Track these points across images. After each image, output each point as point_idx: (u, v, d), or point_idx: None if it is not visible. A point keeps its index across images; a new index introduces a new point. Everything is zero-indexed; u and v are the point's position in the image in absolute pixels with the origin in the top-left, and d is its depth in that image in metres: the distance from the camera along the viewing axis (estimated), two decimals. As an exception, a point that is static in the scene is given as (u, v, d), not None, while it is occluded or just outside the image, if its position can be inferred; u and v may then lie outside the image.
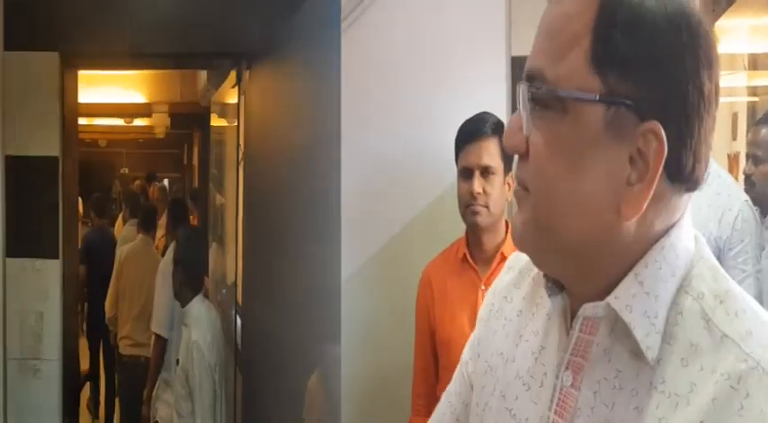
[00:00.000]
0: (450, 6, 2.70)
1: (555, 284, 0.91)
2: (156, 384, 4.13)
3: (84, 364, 5.46)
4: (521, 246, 0.89)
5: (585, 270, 0.86)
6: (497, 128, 2.16)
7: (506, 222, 2.27)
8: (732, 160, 4.78)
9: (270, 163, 3.38)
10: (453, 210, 2.32)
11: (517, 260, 1.06)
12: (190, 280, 3.60)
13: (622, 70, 0.81)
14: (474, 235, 2.27)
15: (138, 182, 8.98)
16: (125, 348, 5.11)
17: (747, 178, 3.02)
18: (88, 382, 5.87)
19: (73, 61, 3.97)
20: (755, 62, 5.09)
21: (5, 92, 3.59)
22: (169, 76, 7.59)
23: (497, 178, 2.18)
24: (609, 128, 0.81)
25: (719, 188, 2.58)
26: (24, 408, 3.65)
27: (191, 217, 7.49)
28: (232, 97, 4.38)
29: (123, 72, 7.00)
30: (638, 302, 0.82)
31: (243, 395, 3.59)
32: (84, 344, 5.98)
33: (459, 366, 1.11)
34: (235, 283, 4.11)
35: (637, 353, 0.81)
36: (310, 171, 2.83)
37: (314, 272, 2.77)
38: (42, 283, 3.69)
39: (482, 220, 2.22)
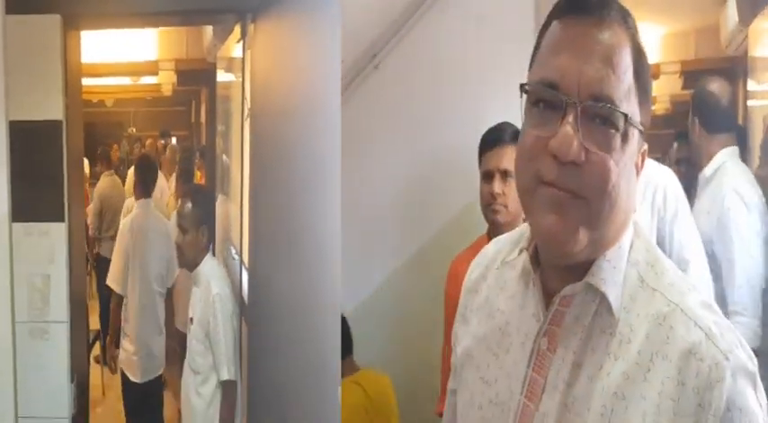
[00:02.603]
0: (478, 18, 2.87)
1: (534, 267, 1.15)
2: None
3: (94, 324, 5.49)
4: (560, 243, 1.06)
5: (593, 257, 1.09)
6: (515, 136, 2.37)
7: (523, 219, 2.47)
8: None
9: (276, 118, 3.37)
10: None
11: (482, 258, 1.33)
12: (201, 240, 3.68)
13: (644, 103, 1.08)
14: (495, 232, 2.52)
15: (150, 141, 8.92)
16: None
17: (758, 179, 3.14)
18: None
19: (75, 23, 3.93)
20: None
21: (7, 57, 3.57)
22: (175, 33, 7.53)
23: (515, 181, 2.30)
24: (637, 147, 1.08)
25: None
26: (34, 370, 3.69)
27: (199, 175, 7.52)
28: (238, 52, 4.35)
29: (128, 30, 6.94)
30: (608, 275, 1.08)
31: (249, 347, 3.63)
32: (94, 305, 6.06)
33: (452, 363, 1.37)
34: (240, 238, 4.14)
35: (599, 312, 1.08)
36: (312, 126, 2.83)
37: (318, 225, 2.79)
38: (49, 246, 3.71)
39: (502, 217, 2.53)
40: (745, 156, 3.98)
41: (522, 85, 1.09)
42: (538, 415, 1.10)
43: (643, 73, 1.07)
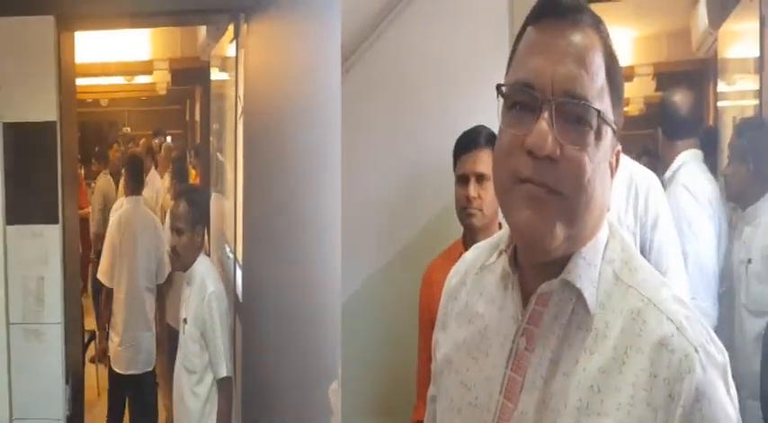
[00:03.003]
0: (457, 25, 2.84)
1: (512, 268, 1.17)
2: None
3: (90, 325, 5.49)
4: (538, 238, 1.07)
5: (569, 253, 1.11)
6: (491, 139, 2.34)
7: (499, 224, 2.53)
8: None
9: (269, 116, 3.38)
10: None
11: (461, 264, 1.35)
12: (194, 239, 3.69)
13: (616, 103, 1.11)
14: (470, 235, 2.51)
15: (143, 141, 8.92)
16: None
17: (724, 177, 3.33)
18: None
19: (69, 24, 3.92)
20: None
21: (1, 59, 3.56)
22: (169, 33, 7.52)
23: (490, 184, 2.33)
24: (610, 145, 1.12)
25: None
26: (28, 371, 3.70)
27: (193, 173, 7.51)
28: (231, 51, 4.35)
29: (122, 30, 6.93)
30: (584, 272, 1.10)
31: (243, 344, 3.63)
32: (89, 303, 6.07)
33: (432, 370, 1.37)
34: (234, 237, 4.14)
35: (576, 310, 1.11)
36: (308, 124, 2.84)
37: (314, 224, 2.79)
38: (43, 247, 3.71)
39: (477, 221, 2.49)
40: (716, 156, 4.17)
41: (498, 86, 1.11)
42: (517, 413, 1.12)
43: (615, 75, 1.11)
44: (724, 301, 3.13)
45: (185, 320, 3.60)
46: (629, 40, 7.32)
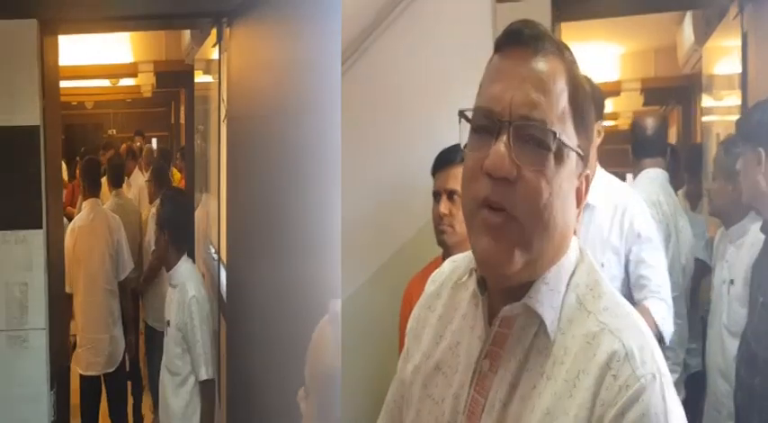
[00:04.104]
0: (447, 38, 2.85)
1: (481, 289, 1.18)
2: None
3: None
4: (495, 265, 1.10)
5: (533, 279, 1.13)
6: None
7: None
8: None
9: (252, 119, 3.38)
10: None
11: (438, 275, 1.37)
12: (177, 242, 3.68)
13: (581, 128, 1.13)
14: (446, 253, 2.49)
15: (124, 145, 8.91)
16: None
17: (708, 193, 3.53)
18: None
19: (53, 27, 3.91)
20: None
21: (-17, 63, 3.55)
22: (154, 36, 7.51)
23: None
24: (575, 170, 1.12)
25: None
26: (12, 378, 3.68)
27: (178, 175, 7.50)
28: (215, 54, 4.36)
29: (106, 33, 6.91)
30: (545, 297, 1.12)
31: (227, 345, 3.64)
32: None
33: (394, 379, 1.40)
34: (219, 238, 4.14)
35: (538, 334, 1.12)
36: (292, 126, 2.84)
37: (295, 223, 2.79)
38: (26, 253, 3.69)
39: (448, 238, 2.49)
40: (700, 170, 4.51)
41: (460, 112, 1.15)
42: None
43: (579, 100, 1.12)
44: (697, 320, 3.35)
45: (168, 323, 3.62)
46: (617, 56, 7.42)
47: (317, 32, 2.55)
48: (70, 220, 5.19)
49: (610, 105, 7.43)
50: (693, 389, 3.52)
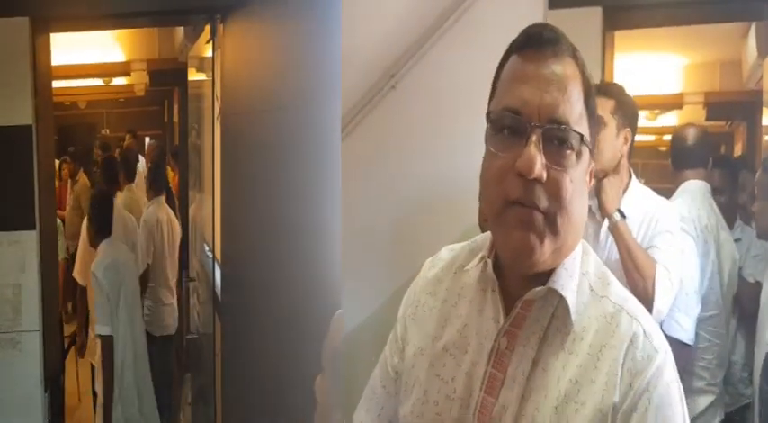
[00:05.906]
0: (500, 46, 2.81)
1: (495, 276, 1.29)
2: None
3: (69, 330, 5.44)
4: (528, 255, 1.19)
5: (554, 265, 1.24)
6: None
7: None
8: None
9: (246, 116, 3.37)
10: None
11: (437, 260, 1.46)
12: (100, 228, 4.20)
13: (592, 125, 1.24)
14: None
15: (118, 151, 8.88)
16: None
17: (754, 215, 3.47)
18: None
19: (44, 25, 3.88)
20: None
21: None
22: (146, 34, 7.47)
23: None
24: (588, 165, 1.25)
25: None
26: (6, 380, 3.66)
27: (172, 174, 7.47)
28: (208, 51, 4.33)
29: (99, 32, 6.87)
30: (566, 282, 1.24)
31: (222, 345, 3.62)
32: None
33: (379, 363, 1.48)
34: (213, 237, 4.13)
35: (555, 314, 1.24)
36: (286, 124, 2.83)
37: (295, 222, 2.78)
38: (20, 255, 3.67)
39: None
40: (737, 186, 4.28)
41: (488, 114, 1.24)
42: (497, 407, 1.24)
43: (591, 100, 1.24)
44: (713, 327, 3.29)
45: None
46: (679, 67, 7.10)
47: (314, 29, 2.54)
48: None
49: (674, 119, 7.23)
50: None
